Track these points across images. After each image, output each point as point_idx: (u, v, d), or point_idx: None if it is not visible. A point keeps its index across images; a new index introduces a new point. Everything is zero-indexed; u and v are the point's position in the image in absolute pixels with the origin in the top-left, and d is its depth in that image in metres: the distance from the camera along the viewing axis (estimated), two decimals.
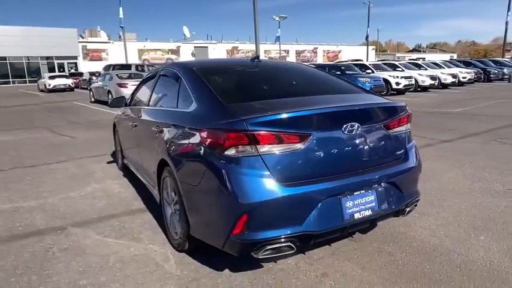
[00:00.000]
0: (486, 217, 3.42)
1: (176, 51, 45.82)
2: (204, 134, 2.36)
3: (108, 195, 4.42)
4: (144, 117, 3.73)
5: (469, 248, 2.87)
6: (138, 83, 14.86)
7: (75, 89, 28.66)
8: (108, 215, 3.79)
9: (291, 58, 53.07)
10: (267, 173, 2.20)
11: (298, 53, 54.43)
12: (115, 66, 24.89)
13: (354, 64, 18.50)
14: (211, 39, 51.22)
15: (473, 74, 20.84)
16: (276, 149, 2.21)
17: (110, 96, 15.30)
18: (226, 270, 2.65)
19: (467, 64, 23.30)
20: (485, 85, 21.28)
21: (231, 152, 2.20)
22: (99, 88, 16.80)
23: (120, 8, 29.07)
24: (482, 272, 2.55)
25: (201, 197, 2.43)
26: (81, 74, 33.38)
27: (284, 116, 2.24)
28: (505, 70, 23.29)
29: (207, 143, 2.33)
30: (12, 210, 3.99)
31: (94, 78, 26.91)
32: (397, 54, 59.06)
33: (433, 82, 18.12)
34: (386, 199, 2.55)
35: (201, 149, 2.39)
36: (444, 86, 19.17)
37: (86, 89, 28.47)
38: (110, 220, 3.64)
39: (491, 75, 22.64)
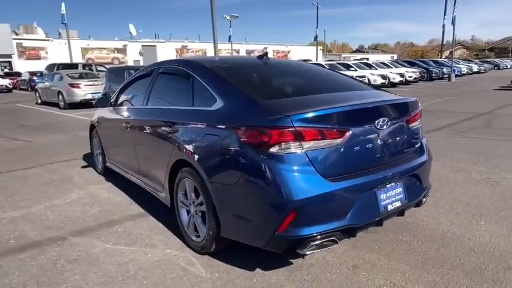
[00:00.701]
0: (478, 204, 3.70)
1: (123, 50, 44.00)
2: (243, 132, 2.31)
3: (97, 201, 4.16)
4: (145, 117, 3.56)
5: (475, 232, 3.10)
6: (92, 83, 14.21)
7: (13, 90, 26.51)
8: (107, 221, 3.58)
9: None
10: (312, 169, 2.21)
11: (249, 53, 54.67)
12: (59, 66, 23.31)
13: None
14: (158, 37, 49.93)
15: (418, 74, 22.37)
16: (319, 145, 2.24)
17: (60, 97, 14.37)
18: (258, 269, 2.63)
19: (411, 64, 24.96)
20: (429, 84, 22.90)
21: (276, 149, 2.18)
22: (46, 89, 15.67)
23: (63, 3, 27.13)
24: (494, 253, 2.76)
25: (238, 196, 2.37)
26: (18, 74, 30.90)
27: (326, 112, 2.27)
28: (445, 70, 25.25)
29: (247, 140, 2.29)
30: None
31: (35, 78, 25.09)
32: (343, 55, 61.57)
33: (383, 81, 19.18)
34: (411, 190, 2.68)
35: (238, 147, 2.34)
36: (393, 84, 20.35)
37: (26, 90, 26.49)
38: (111, 227, 3.44)
39: (433, 75, 24.45)
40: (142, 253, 2.92)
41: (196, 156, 2.65)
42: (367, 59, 42.01)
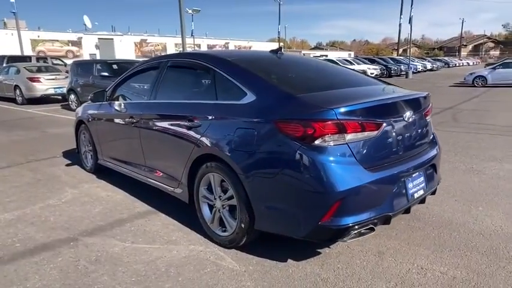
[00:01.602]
0: (471, 191, 3.98)
1: (78, 43, 41.76)
2: (285, 125, 2.33)
3: (97, 199, 4.00)
4: (155, 112, 3.45)
5: (477, 217, 3.33)
6: (54, 77, 13.44)
7: None
8: (116, 220, 3.46)
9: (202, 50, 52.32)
10: (354, 160, 2.29)
11: (210, 48, 54.07)
12: (10, 59, 21.73)
13: None
14: (115, 30, 48.00)
15: (379, 70, 23.30)
16: (359, 137, 2.32)
17: (17, 91, 13.50)
18: (290, 260, 2.67)
19: (371, 61, 25.98)
20: (389, 80, 23.86)
21: (320, 141, 2.23)
22: (1, 83, 14.63)
23: None
24: (500, 235, 2.99)
25: (278, 188, 2.39)
26: None
27: (365, 105, 2.36)
28: (402, 67, 26.53)
29: (289, 133, 2.31)
30: None
31: None
32: (303, 51, 62.62)
33: None
34: (430, 179, 2.84)
35: (278, 140, 2.35)
36: None
37: None
38: (122, 225, 3.33)
39: (391, 71, 25.58)
40: (166, 250, 2.86)
41: (226, 150, 2.64)
42: (327, 55, 43.04)
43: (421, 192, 2.71)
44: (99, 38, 43.17)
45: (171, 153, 3.26)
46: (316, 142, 2.24)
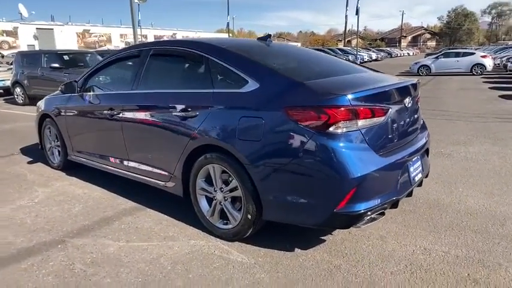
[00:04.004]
0: (447, 174, 4.20)
1: (13, 33, 38.46)
2: (296, 113, 2.28)
3: (74, 198, 3.72)
4: (140, 102, 3.24)
5: (460, 198, 3.52)
6: (5, 69, 12.31)
7: None
8: (102, 218, 3.23)
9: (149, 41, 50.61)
10: (367, 146, 2.31)
11: (157, 38, 52.41)
12: None
13: None
14: (54, 20, 44.83)
15: None
16: (369, 123, 2.34)
17: None
18: (297, 249, 2.66)
19: (321, 52, 26.51)
20: None
21: (334, 128, 2.22)
22: None
23: None
24: (485, 214, 3.17)
25: (289, 178, 2.35)
26: None
27: (374, 91, 2.39)
28: (350, 57, 27.42)
29: (301, 121, 2.26)
30: None
31: None
32: None
33: None
34: (424, 163, 2.95)
35: (289, 128, 2.30)
36: None
37: None
38: (111, 224, 3.12)
39: None
40: (166, 247, 2.73)
41: (230, 140, 2.54)
42: None
43: (420, 175, 2.80)
44: (37, 28, 40.15)
45: (161, 145, 3.09)
46: (331, 129, 2.22)
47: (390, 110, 2.47)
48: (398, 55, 53.00)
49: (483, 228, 2.92)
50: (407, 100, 2.66)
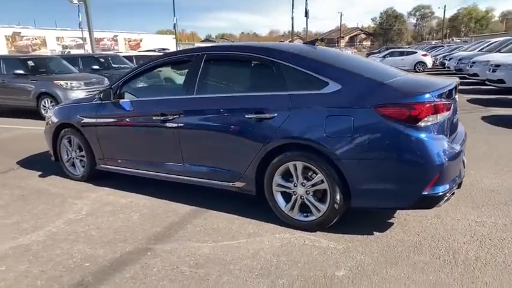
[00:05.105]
0: None
1: None
2: (388, 110, 2.58)
3: (123, 207, 3.69)
4: (205, 106, 3.31)
5: (477, 179, 4.06)
6: None
7: None
8: (171, 224, 3.28)
9: (89, 46, 48.05)
10: (444, 136, 2.68)
11: (98, 41, 49.70)
12: None
13: None
14: None
15: None
16: (444, 116, 2.72)
17: None
18: (376, 233, 2.96)
19: None
20: None
21: (423, 121, 2.56)
22: None
23: None
24: (507, 190, 3.73)
25: (382, 167, 2.64)
26: None
27: (445, 90, 2.79)
28: None
29: (393, 117, 2.57)
30: (23, 247, 2.90)
31: None
32: (196, 44, 62.03)
33: None
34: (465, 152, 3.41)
35: (381, 124, 2.60)
36: None
37: None
38: (184, 228, 3.18)
39: None
40: (257, 243, 2.89)
41: (318, 138, 2.77)
42: None
43: (466, 161, 3.26)
44: None
45: (230, 147, 3.22)
46: (420, 123, 2.56)
47: (452, 105, 2.88)
48: None
49: (510, 201, 3.45)
50: (456, 97, 3.09)
